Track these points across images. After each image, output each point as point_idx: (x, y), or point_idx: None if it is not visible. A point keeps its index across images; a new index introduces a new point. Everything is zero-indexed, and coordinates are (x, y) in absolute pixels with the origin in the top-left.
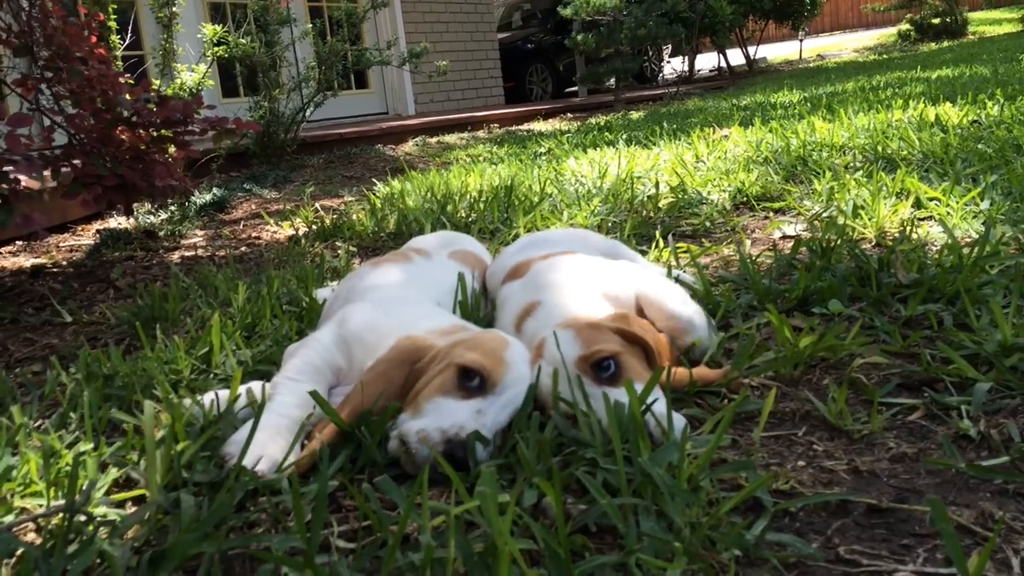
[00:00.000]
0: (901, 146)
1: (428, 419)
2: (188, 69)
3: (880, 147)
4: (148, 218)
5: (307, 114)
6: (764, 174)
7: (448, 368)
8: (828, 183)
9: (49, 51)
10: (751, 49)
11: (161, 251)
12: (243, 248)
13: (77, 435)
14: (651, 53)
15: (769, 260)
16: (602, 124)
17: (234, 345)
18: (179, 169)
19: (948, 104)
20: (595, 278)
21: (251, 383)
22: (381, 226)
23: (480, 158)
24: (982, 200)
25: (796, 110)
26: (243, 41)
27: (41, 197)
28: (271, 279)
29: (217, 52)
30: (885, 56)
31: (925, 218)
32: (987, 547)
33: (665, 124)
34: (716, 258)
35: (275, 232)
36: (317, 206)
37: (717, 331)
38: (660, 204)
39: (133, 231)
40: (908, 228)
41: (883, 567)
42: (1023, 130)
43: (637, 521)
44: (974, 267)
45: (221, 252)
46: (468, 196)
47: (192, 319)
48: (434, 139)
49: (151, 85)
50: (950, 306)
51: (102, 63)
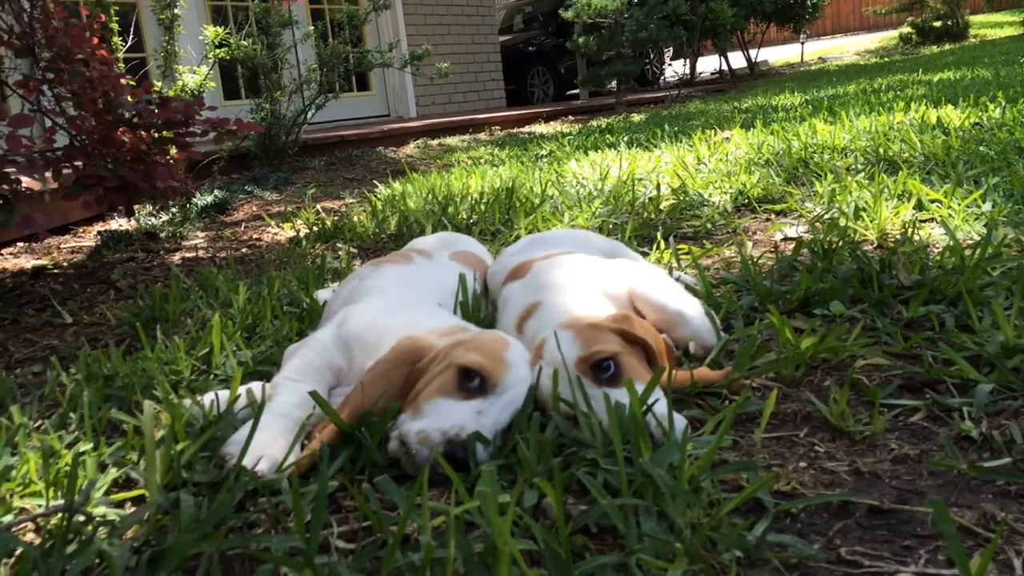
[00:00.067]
0: (903, 148)
1: (428, 420)
2: (190, 71)
3: (882, 149)
4: (149, 219)
5: (308, 116)
6: (765, 176)
7: (448, 369)
8: (830, 185)
9: (51, 52)
10: (752, 52)
11: (162, 252)
12: (244, 249)
13: (77, 435)
14: (652, 56)
15: (770, 262)
16: (603, 126)
17: (234, 346)
18: (180, 171)
19: (950, 107)
20: (595, 277)
21: (251, 383)
22: (382, 227)
23: (481, 160)
24: (984, 202)
25: (797, 112)
26: (245, 43)
27: (42, 198)
28: (272, 280)
29: (219, 54)
30: (886, 59)
31: (927, 220)
32: (989, 548)
33: (666, 126)
34: (717, 260)
35: (276, 234)
36: (318, 208)
37: (721, 333)
38: (661, 206)
39: (134, 232)
40: (910, 230)
41: (885, 568)
42: None
43: (638, 522)
44: (976, 269)
45: (222, 253)
46: (469, 198)
47: (192, 320)
48: (435, 141)
49: (153, 87)
50: (952, 308)
51: (104, 64)
